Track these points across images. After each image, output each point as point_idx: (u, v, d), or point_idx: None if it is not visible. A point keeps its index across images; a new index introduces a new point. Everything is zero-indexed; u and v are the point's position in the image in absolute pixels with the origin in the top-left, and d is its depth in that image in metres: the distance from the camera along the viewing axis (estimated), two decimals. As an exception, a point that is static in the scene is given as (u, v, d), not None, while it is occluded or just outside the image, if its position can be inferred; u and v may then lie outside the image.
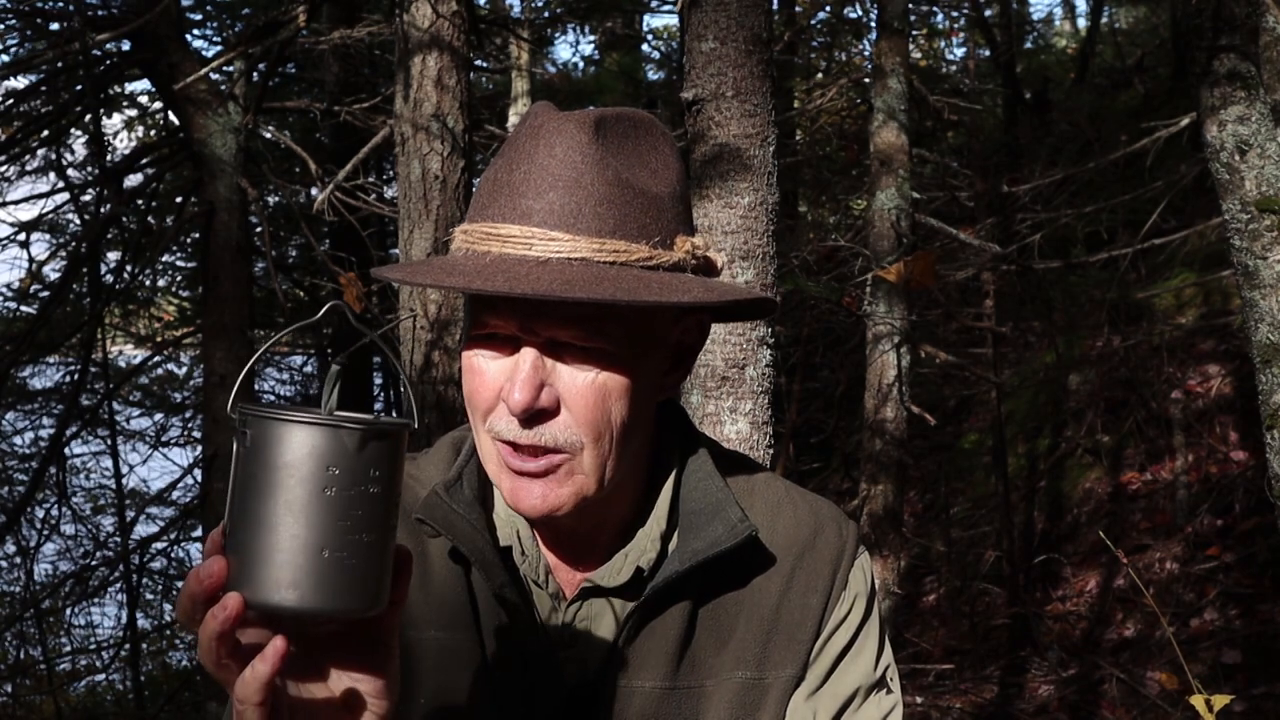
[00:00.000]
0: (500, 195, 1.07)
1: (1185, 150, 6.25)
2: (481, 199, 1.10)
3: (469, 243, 1.08)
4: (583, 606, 1.16)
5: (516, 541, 1.16)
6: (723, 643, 1.17)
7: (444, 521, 1.13)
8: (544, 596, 1.16)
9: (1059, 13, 17.47)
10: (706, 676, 1.16)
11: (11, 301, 7.83)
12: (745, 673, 1.17)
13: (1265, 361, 2.45)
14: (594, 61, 12.10)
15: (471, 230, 1.08)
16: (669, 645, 1.15)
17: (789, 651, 1.18)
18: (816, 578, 1.20)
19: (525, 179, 1.07)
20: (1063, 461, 7.11)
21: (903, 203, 4.40)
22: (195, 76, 5.08)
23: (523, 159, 1.08)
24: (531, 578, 1.16)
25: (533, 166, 1.07)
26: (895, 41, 4.50)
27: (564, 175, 1.06)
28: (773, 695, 1.17)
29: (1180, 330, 6.96)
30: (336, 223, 5.12)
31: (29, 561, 7.39)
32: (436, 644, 1.14)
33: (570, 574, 1.18)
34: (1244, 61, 2.43)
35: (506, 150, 1.11)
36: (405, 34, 3.86)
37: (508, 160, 1.09)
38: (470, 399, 1.11)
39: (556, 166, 1.06)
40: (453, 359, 3.90)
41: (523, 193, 1.06)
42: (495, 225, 1.06)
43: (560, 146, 1.07)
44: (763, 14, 2.44)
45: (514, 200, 1.06)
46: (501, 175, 1.09)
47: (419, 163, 3.85)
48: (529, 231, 1.05)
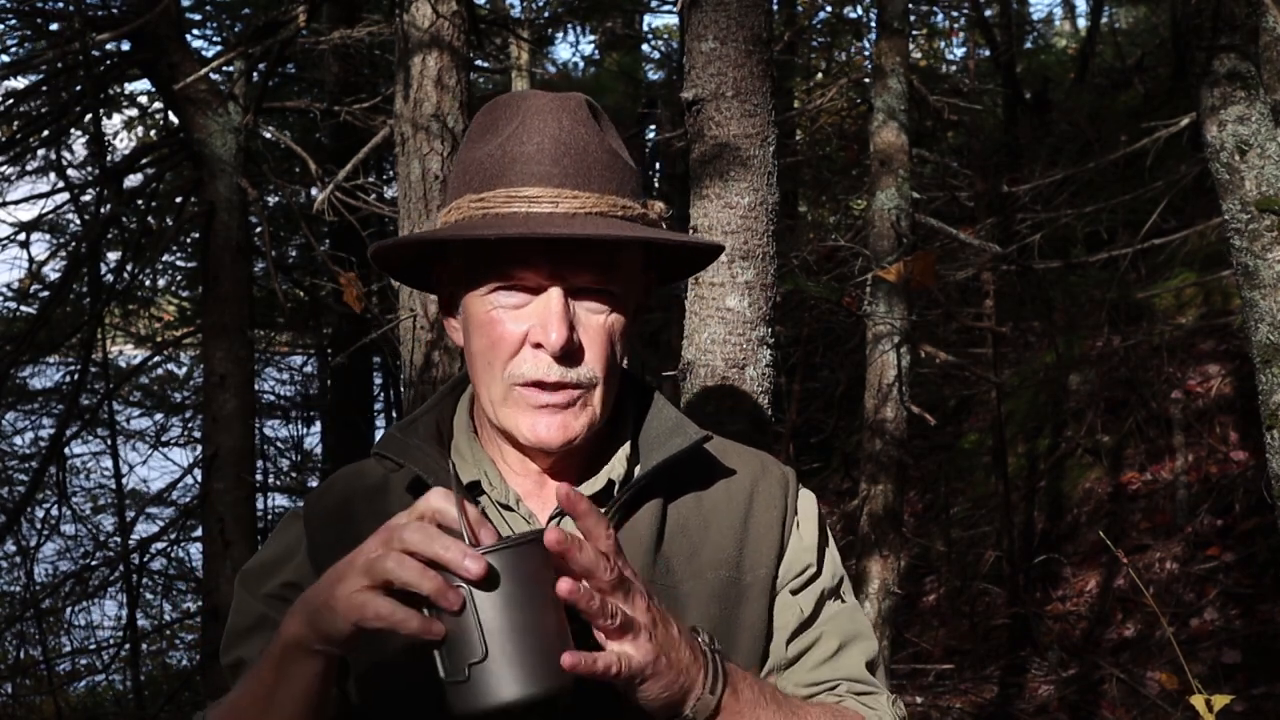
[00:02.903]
0: (515, 164, 1.24)
1: (1185, 150, 6.25)
2: (489, 170, 1.25)
3: (488, 207, 1.23)
4: (562, 521, 1.28)
5: (484, 476, 1.31)
6: (695, 549, 1.32)
7: (399, 450, 1.29)
8: (516, 518, 1.30)
9: (1059, 13, 17.47)
10: (683, 579, 1.31)
11: (11, 301, 7.83)
12: (724, 572, 1.32)
13: (1265, 361, 2.45)
14: (594, 61, 12.09)
15: (490, 197, 1.24)
16: (644, 545, 1.29)
17: (760, 555, 1.34)
18: (773, 496, 1.38)
19: (540, 150, 1.24)
20: (1063, 461, 7.11)
21: (903, 203, 4.40)
22: (195, 76, 5.08)
23: (532, 132, 1.24)
24: (501, 501, 1.30)
25: (544, 138, 1.24)
26: (895, 41, 4.50)
27: (574, 145, 1.24)
28: (751, 592, 1.32)
29: (1180, 330, 6.96)
30: (336, 223, 5.11)
31: (29, 561, 7.39)
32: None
33: (542, 502, 1.32)
34: (1244, 61, 2.43)
35: (500, 127, 1.27)
36: (405, 34, 3.86)
37: (510, 135, 1.25)
38: (490, 348, 1.25)
39: (566, 137, 1.24)
40: (453, 359, 3.90)
41: (539, 160, 1.23)
42: (518, 189, 1.23)
43: (567, 120, 1.25)
44: (763, 14, 2.44)
45: (531, 166, 1.23)
46: (511, 147, 1.24)
47: (419, 163, 3.85)
48: (554, 191, 1.23)
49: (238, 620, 1.32)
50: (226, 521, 5.44)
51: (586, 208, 1.23)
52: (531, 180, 1.23)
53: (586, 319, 1.25)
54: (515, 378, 1.25)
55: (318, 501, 1.35)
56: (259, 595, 1.31)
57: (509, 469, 1.32)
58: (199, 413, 8.23)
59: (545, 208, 1.22)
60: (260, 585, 1.32)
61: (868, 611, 4.28)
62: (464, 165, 1.29)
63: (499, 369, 1.25)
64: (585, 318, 1.25)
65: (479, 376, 1.28)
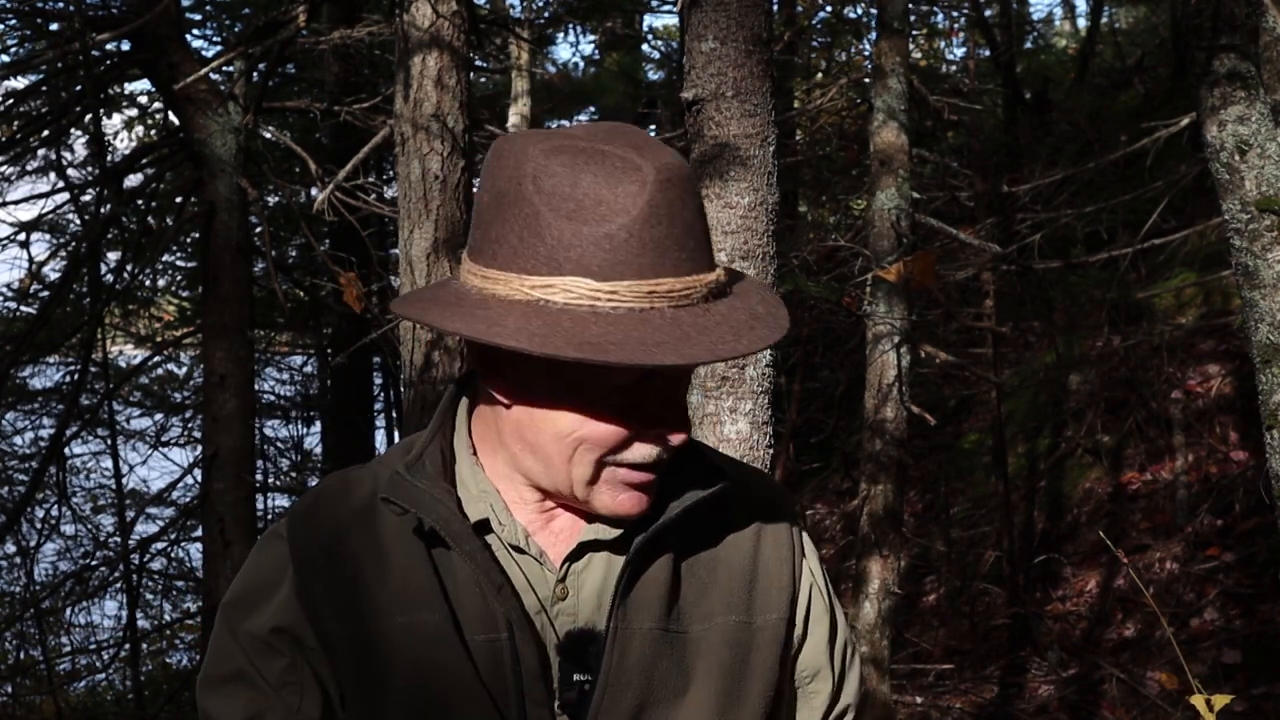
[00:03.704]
0: (648, 250, 1.09)
1: (1185, 150, 6.25)
2: (616, 256, 1.09)
3: (619, 300, 1.08)
4: (578, 561, 1.22)
5: (492, 514, 1.22)
6: (704, 591, 1.26)
7: (408, 497, 1.19)
8: (528, 560, 1.22)
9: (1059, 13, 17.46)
10: (693, 622, 1.24)
11: (11, 301, 7.84)
12: (735, 617, 1.26)
13: (1265, 361, 2.45)
14: (594, 61, 12.10)
15: (623, 290, 1.08)
16: (661, 591, 1.22)
17: (771, 598, 1.28)
18: (780, 534, 1.31)
19: (668, 234, 1.10)
20: (1063, 461, 7.11)
21: (903, 203, 4.40)
22: (195, 76, 5.08)
23: (660, 208, 1.10)
24: (511, 542, 1.21)
25: (676, 216, 1.11)
26: (895, 41, 4.50)
27: (685, 218, 1.12)
28: (762, 637, 1.26)
29: (1180, 330, 6.96)
30: (336, 223, 5.12)
31: (29, 561, 7.39)
32: (403, 629, 1.18)
33: (551, 537, 1.24)
34: (1244, 61, 2.43)
35: (619, 198, 1.09)
36: (405, 34, 3.86)
37: (640, 214, 1.09)
38: (595, 440, 1.15)
39: (691, 212, 1.12)
40: (453, 359, 3.90)
41: (666, 247, 1.10)
42: (653, 281, 1.09)
43: (676, 191, 1.11)
44: (763, 14, 2.44)
45: (666, 254, 1.10)
46: (641, 230, 1.09)
47: (419, 163, 3.85)
48: (688, 281, 1.11)
49: (214, 661, 1.25)
50: (226, 521, 5.44)
51: (709, 290, 1.13)
52: (666, 269, 1.10)
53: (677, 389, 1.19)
54: (618, 462, 1.16)
55: (304, 530, 1.24)
56: (240, 636, 1.22)
57: (515, 500, 1.23)
58: (199, 413, 8.22)
59: (685, 302, 1.10)
60: (242, 620, 1.23)
61: (868, 611, 4.28)
62: (566, 236, 1.09)
63: (596, 455, 1.15)
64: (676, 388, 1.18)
65: (553, 460, 1.16)
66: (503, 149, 1.14)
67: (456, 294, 1.14)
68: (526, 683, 1.17)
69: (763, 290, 1.19)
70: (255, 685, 1.20)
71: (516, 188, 1.11)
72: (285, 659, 1.20)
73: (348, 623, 1.18)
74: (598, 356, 1.04)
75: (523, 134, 1.16)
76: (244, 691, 1.20)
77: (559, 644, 1.20)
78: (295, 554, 1.22)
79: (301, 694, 1.20)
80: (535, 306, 1.08)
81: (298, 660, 1.20)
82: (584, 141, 1.12)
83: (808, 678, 1.34)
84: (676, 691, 1.22)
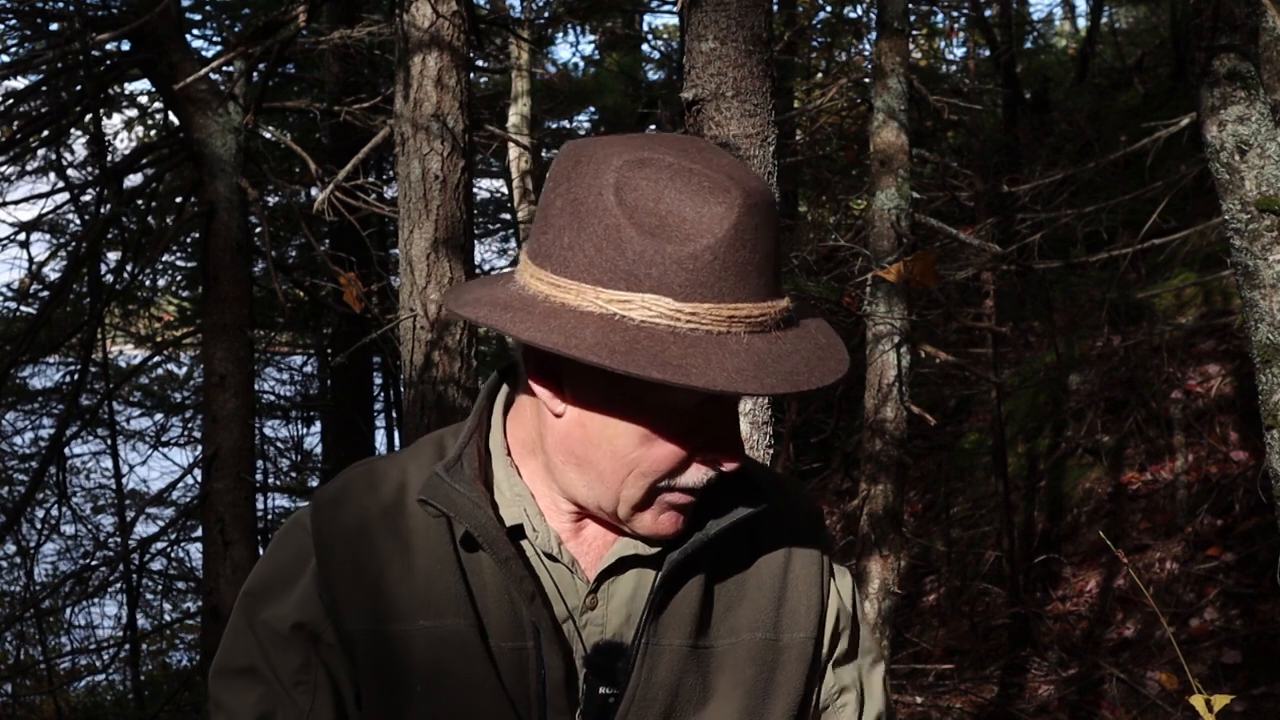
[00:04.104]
0: (730, 273, 1.07)
1: (1185, 150, 6.25)
2: (699, 278, 1.06)
3: (699, 323, 1.06)
4: (611, 571, 1.20)
5: (526, 519, 1.19)
6: (732, 606, 1.24)
7: (446, 500, 1.16)
8: (560, 568, 1.20)
9: (1059, 13, 17.46)
10: (720, 637, 1.23)
11: (11, 301, 7.84)
12: (762, 634, 1.24)
13: (1265, 361, 2.45)
14: (594, 61, 12.10)
15: (703, 312, 1.06)
16: (691, 607, 1.21)
17: (799, 617, 1.26)
18: (812, 552, 1.29)
19: (750, 259, 1.08)
20: (1063, 461, 7.11)
21: (903, 203, 4.40)
22: (195, 76, 5.08)
23: (745, 232, 1.07)
24: (544, 550, 1.19)
25: (759, 242, 1.08)
26: (895, 41, 4.50)
27: (766, 244, 1.09)
28: (789, 655, 1.24)
29: (1180, 330, 6.96)
30: (336, 223, 5.12)
31: (29, 561, 7.39)
32: (426, 634, 1.16)
33: (583, 545, 1.22)
34: (1244, 61, 2.43)
35: (704, 218, 1.07)
36: (405, 34, 3.86)
37: (725, 237, 1.06)
38: (652, 463, 1.12)
39: (768, 240, 1.09)
40: (453, 359, 3.90)
41: (747, 271, 1.08)
42: (733, 305, 1.07)
43: (761, 216, 1.08)
44: (763, 14, 2.44)
45: (746, 278, 1.08)
46: (726, 254, 1.06)
47: (419, 163, 3.85)
48: (764, 306, 1.09)
49: (229, 651, 1.22)
50: (226, 521, 5.44)
51: (781, 315, 1.11)
52: (745, 294, 1.07)
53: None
54: (670, 486, 1.14)
55: (329, 522, 1.21)
56: (256, 626, 1.20)
57: (549, 505, 1.21)
58: (199, 413, 8.23)
59: (760, 328, 1.09)
60: (259, 611, 1.20)
61: (868, 611, 4.28)
62: (649, 253, 1.06)
63: (650, 480, 1.13)
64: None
65: (604, 477, 1.14)
66: (581, 154, 1.10)
67: (522, 299, 1.10)
68: (550, 693, 1.16)
69: (820, 320, 1.18)
70: (267, 682, 1.18)
71: (597, 197, 1.07)
72: (301, 657, 1.18)
73: (369, 623, 1.17)
74: (680, 380, 1.02)
75: (602, 141, 1.12)
76: (256, 687, 1.18)
77: (585, 655, 1.19)
78: (318, 546, 1.20)
79: (314, 694, 1.18)
80: (611, 321, 1.05)
81: (313, 659, 1.18)
82: (671, 156, 1.08)
83: (834, 695, 1.32)
84: (700, 706, 1.21)
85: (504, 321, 1.08)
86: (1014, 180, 7.00)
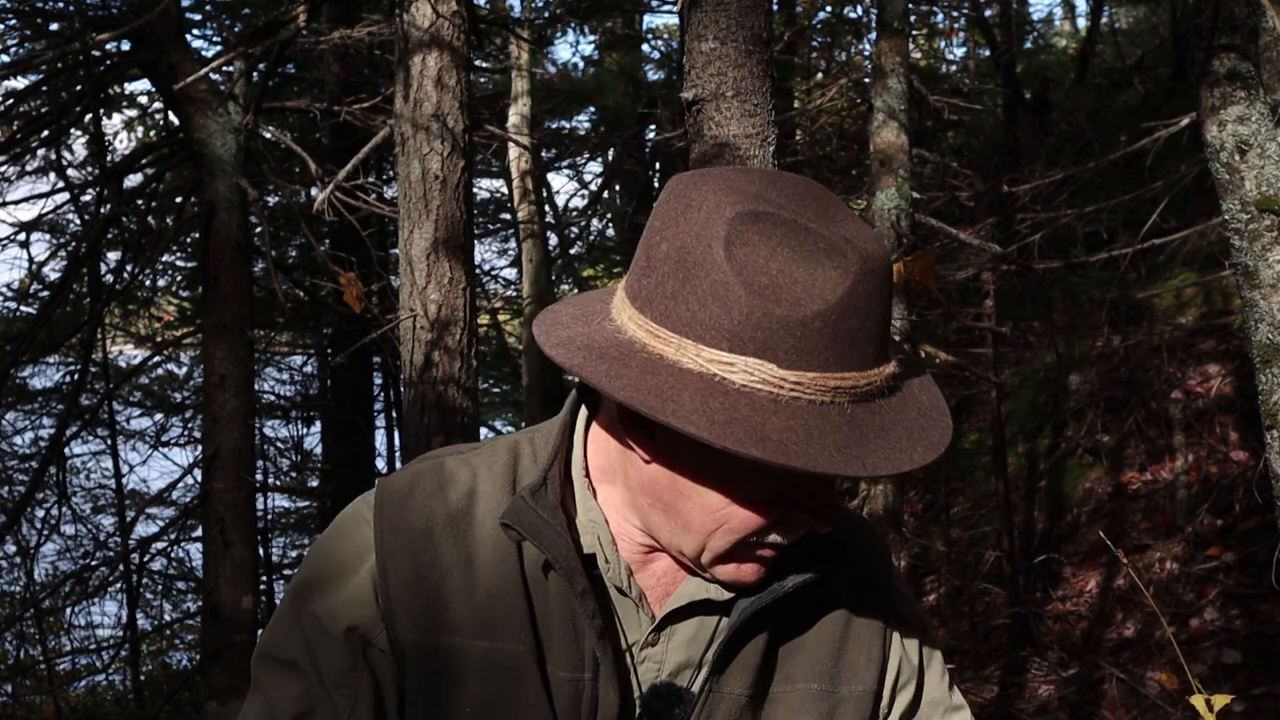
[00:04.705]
0: (839, 342, 1.01)
1: (1185, 150, 6.25)
2: (809, 345, 1.01)
3: (804, 393, 1.01)
4: (677, 611, 1.17)
5: (600, 548, 1.15)
6: (791, 654, 1.21)
7: (531, 528, 1.12)
8: (627, 603, 1.17)
9: (1059, 13, 17.47)
10: (777, 685, 1.20)
11: (11, 301, 7.85)
12: (818, 685, 1.20)
13: (1265, 361, 2.45)
14: (594, 61, 12.09)
15: (809, 381, 1.01)
16: (755, 655, 1.18)
17: (858, 669, 1.21)
18: (876, 601, 1.24)
19: (860, 328, 1.02)
20: (1063, 461, 7.11)
21: (903, 203, 4.40)
22: (195, 76, 5.08)
23: (856, 309, 1.02)
24: (615, 583, 1.16)
25: (872, 309, 1.03)
26: (895, 41, 4.50)
27: (878, 311, 1.04)
28: (845, 708, 1.21)
29: (1180, 330, 6.96)
30: (336, 223, 5.12)
31: (29, 561, 7.39)
32: (483, 654, 1.13)
33: (651, 579, 1.18)
34: (1244, 61, 2.43)
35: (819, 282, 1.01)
36: (405, 34, 3.86)
37: (838, 303, 1.01)
38: (742, 523, 1.09)
39: (880, 307, 1.04)
40: (453, 359, 3.90)
41: (856, 340, 1.02)
42: (843, 376, 1.02)
43: (875, 283, 1.03)
44: (763, 14, 2.44)
45: (855, 347, 1.02)
46: (836, 321, 1.01)
47: (419, 162, 3.85)
48: (870, 374, 1.04)
49: (275, 638, 1.18)
50: (226, 521, 5.44)
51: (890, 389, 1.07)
52: (851, 364, 1.02)
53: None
54: (759, 543, 1.11)
55: (394, 519, 1.16)
56: (304, 617, 1.16)
57: (621, 532, 1.17)
58: (199, 413, 8.23)
59: (866, 404, 1.04)
60: (309, 602, 1.16)
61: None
62: (756, 316, 1.00)
63: (739, 536, 1.10)
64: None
65: (691, 527, 1.10)
66: (691, 198, 1.05)
67: (618, 345, 1.05)
68: None
69: (924, 378, 1.13)
70: (309, 679, 1.15)
71: (706, 250, 1.01)
72: (348, 661, 1.14)
73: (423, 634, 1.14)
74: (779, 460, 0.97)
75: (714, 183, 1.05)
76: (298, 682, 1.15)
77: (641, 695, 1.16)
78: (380, 546, 1.16)
79: (355, 700, 1.14)
80: (711, 383, 1.00)
81: (360, 664, 1.15)
82: (785, 211, 1.03)
83: None
84: None
85: (599, 375, 1.03)
86: (1014, 180, 7.00)
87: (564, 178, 42.16)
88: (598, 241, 13.00)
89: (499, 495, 1.17)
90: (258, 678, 1.18)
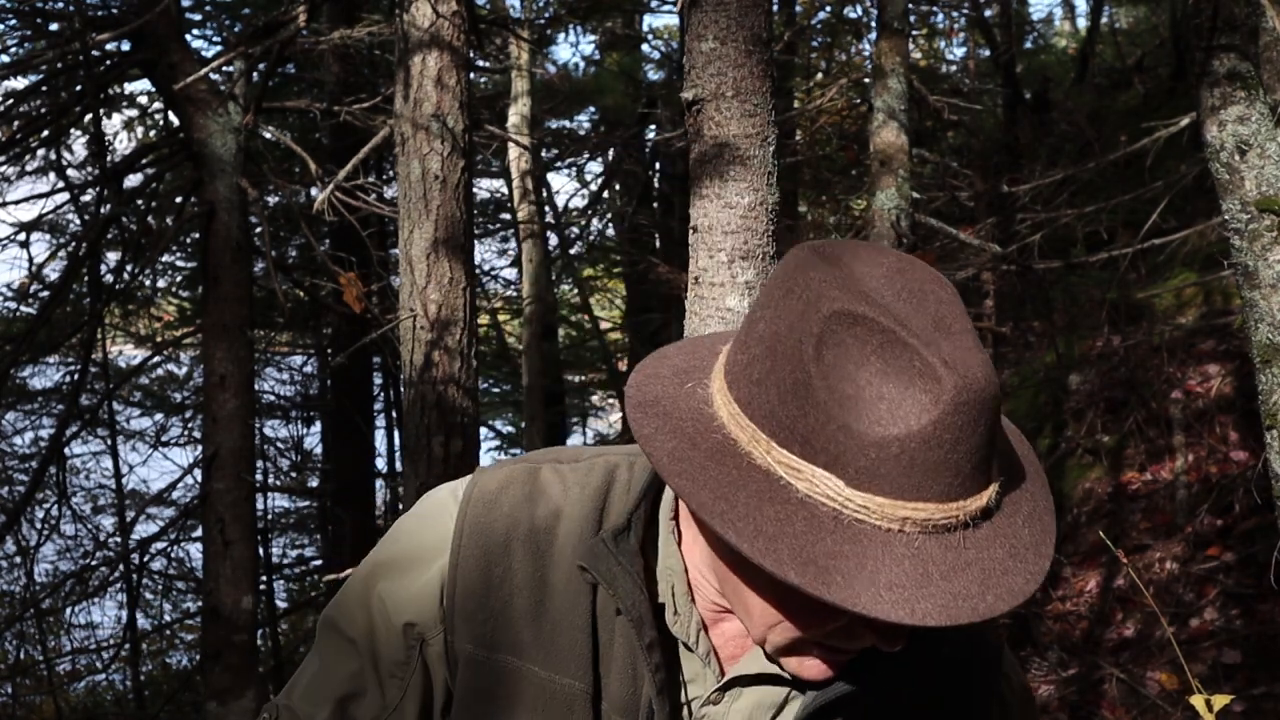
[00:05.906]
0: (916, 471, 0.92)
1: (1185, 150, 6.25)
2: (882, 466, 0.92)
3: (869, 517, 0.93)
4: (729, 692, 1.12)
5: (671, 600, 1.11)
6: None
7: (607, 574, 1.08)
8: (694, 658, 1.12)
9: (1059, 13, 17.48)
10: None
11: (11, 301, 7.85)
12: None
13: (1265, 361, 2.45)
14: (594, 61, 12.10)
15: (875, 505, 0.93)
16: None
17: None
18: (976, 700, 1.15)
19: (945, 460, 0.92)
20: (1062, 461, 7.11)
21: (903, 203, 4.40)
22: (195, 76, 5.08)
23: (942, 440, 0.92)
24: (682, 638, 1.11)
25: (951, 441, 0.92)
26: (895, 41, 4.50)
27: (971, 443, 0.93)
28: None
29: (1180, 330, 6.96)
30: (336, 223, 5.12)
31: (29, 561, 7.39)
32: (540, 682, 1.11)
33: (721, 638, 1.13)
34: (1244, 61, 2.43)
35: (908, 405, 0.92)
36: (405, 34, 3.86)
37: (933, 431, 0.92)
38: (789, 626, 1.02)
39: (974, 439, 0.93)
40: (453, 359, 3.90)
41: (938, 472, 0.92)
42: (916, 507, 0.92)
43: (969, 415, 0.92)
44: (763, 14, 2.44)
45: (935, 478, 0.92)
46: (916, 449, 0.91)
47: (419, 162, 3.85)
48: (947, 510, 0.94)
49: (343, 609, 1.17)
50: (226, 521, 5.44)
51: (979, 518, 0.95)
52: (929, 495, 0.92)
53: None
54: (822, 643, 1.04)
55: (478, 520, 1.14)
56: (373, 598, 1.15)
57: (698, 581, 1.11)
58: (199, 413, 8.23)
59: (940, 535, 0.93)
60: (381, 580, 1.15)
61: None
62: (832, 426, 0.93)
63: (798, 635, 1.02)
64: None
65: (752, 617, 1.04)
66: (795, 282, 0.97)
67: (697, 419, 0.99)
68: None
69: (1039, 504, 1.00)
70: (364, 661, 1.14)
71: (796, 344, 0.94)
72: (404, 654, 1.14)
73: (481, 648, 1.12)
74: (816, 590, 0.89)
75: (823, 269, 0.97)
76: (354, 661, 1.15)
77: None
78: (456, 545, 1.13)
79: (404, 692, 1.14)
80: (775, 486, 0.93)
81: (414, 659, 1.14)
82: (889, 317, 0.93)
83: None
84: None
85: (663, 454, 0.97)
86: (1014, 180, 7.00)
87: (564, 178, 42.15)
88: (598, 241, 13.00)
89: (584, 522, 1.12)
90: (321, 642, 1.19)
